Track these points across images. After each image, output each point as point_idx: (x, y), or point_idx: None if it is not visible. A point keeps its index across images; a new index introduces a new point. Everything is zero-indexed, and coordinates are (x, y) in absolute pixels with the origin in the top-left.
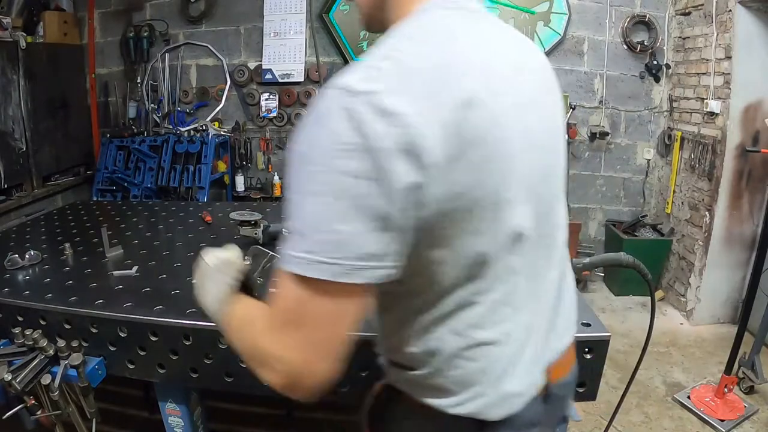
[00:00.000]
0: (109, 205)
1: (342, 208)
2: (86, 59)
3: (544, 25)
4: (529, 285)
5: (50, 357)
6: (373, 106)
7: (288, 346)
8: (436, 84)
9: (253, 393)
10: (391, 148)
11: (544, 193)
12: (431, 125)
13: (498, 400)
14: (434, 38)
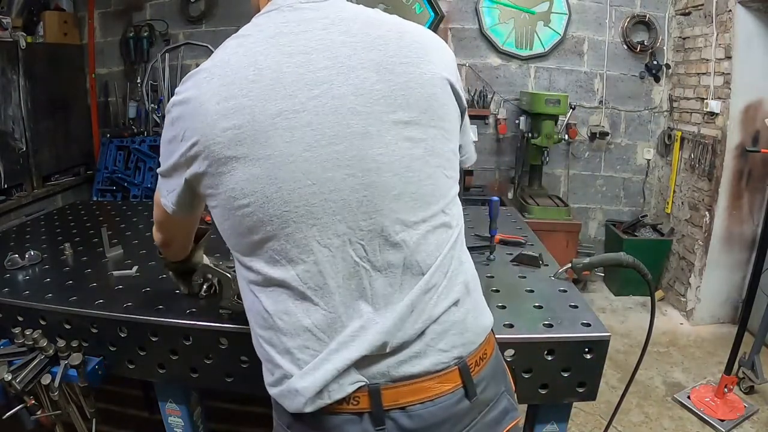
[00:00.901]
0: (109, 205)
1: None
2: (86, 59)
3: (544, 25)
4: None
5: (50, 357)
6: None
7: (156, 223)
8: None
9: (253, 393)
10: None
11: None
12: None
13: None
14: (228, 50)
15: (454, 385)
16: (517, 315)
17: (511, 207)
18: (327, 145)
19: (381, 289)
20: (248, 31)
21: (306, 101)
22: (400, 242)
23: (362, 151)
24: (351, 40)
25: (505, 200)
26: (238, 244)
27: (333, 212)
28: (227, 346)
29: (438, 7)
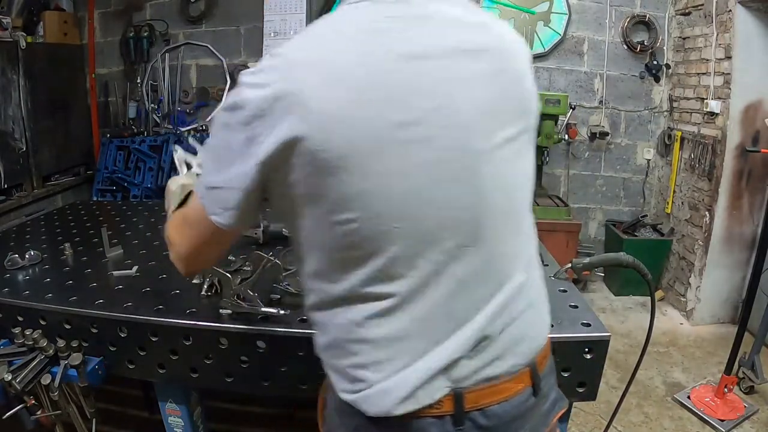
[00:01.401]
0: (109, 205)
1: (217, 164)
2: (86, 59)
3: (544, 25)
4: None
5: (50, 357)
6: (244, 98)
7: (183, 238)
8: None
9: (253, 393)
10: (246, 134)
11: None
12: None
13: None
14: (325, 35)
15: (525, 385)
16: None
17: None
18: (442, 161)
19: (475, 302)
20: (343, 21)
21: (424, 113)
22: (499, 256)
23: (475, 169)
24: (464, 48)
25: None
26: (328, 259)
27: (443, 229)
28: (227, 346)
29: None
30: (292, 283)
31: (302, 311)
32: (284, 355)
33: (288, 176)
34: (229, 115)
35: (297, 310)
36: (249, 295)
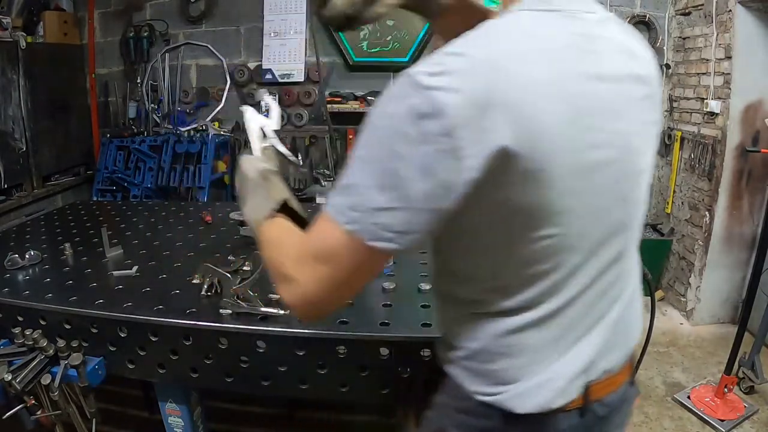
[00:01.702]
0: (109, 205)
1: (381, 182)
2: (86, 59)
3: None
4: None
5: (50, 357)
6: (430, 103)
7: (312, 277)
8: (498, 87)
9: (253, 393)
10: (435, 146)
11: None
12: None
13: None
14: (513, 37)
15: (629, 375)
16: None
17: None
18: (619, 182)
19: (611, 301)
20: (525, 29)
21: (608, 136)
22: (633, 260)
23: (637, 190)
24: (632, 72)
25: None
26: (514, 273)
27: (604, 244)
28: (227, 346)
29: None
30: None
31: None
32: (284, 355)
33: (490, 190)
34: (410, 124)
35: None
36: (249, 295)
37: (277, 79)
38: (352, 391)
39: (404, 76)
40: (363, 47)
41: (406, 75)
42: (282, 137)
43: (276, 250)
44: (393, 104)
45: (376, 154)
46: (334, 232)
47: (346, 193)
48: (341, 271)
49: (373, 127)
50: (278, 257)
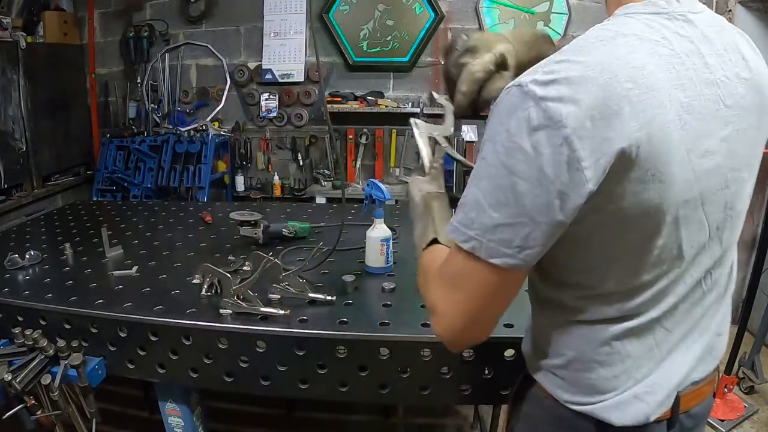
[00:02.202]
0: (109, 205)
1: (496, 198)
2: (86, 59)
3: (544, 25)
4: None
5: (50, 357)
6: (545, 115)
7: (450, 305)
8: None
9: (253, 393)
10: (552, 157)
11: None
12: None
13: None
14: (618, 45)
15: (713, 385)
16: (517, 315)
17: None
18: (724, 189)
19: (705, 313)
20: (635, 33)
21: (718, 143)
22: (727, 267)
23: (738, 199)
24: (742, 75)
25: None
26: (612, 281)
27: (708, 253)
28: (227, 346)
29: (438, 7)
30: (292, 283)
31: (302, 311)
32: (284, 355)
33: (606, 200)
34: (525, 136)
35: (297, 309)
36: (249, 295)
37: (277, 79)
38: (352, 391)
39: (515, 87)
40: (363, 47)
41: (518, 86)
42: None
43: (424, 282)
44: (505, 117)
45: (492, 171)
46: (458, 255)
47: (462, 212)
48: (473, 295)
49: (487, 143)
50: (426, 291)
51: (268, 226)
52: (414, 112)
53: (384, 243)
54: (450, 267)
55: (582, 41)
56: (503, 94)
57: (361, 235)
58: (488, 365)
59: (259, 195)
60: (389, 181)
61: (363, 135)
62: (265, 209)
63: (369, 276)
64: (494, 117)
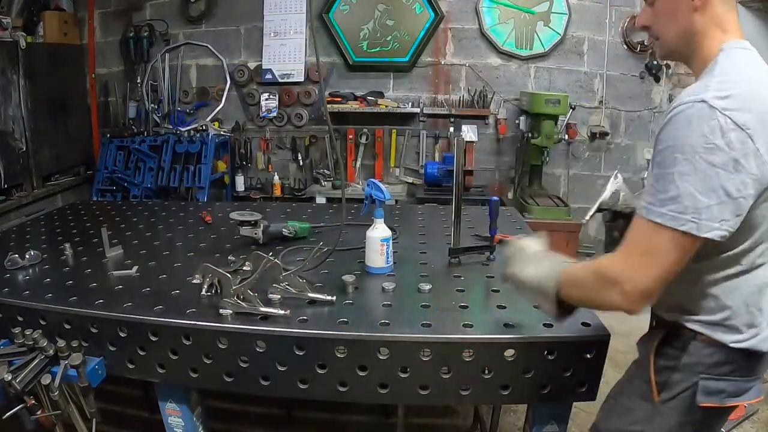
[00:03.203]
0: (109, 205)
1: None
2: (86, 59)
3: (544, 25)
4: None
5: (50, 357)
6: (732, 121)
7: (640, 268)
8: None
9: (253, 393)
10: (742, 150)
11: None
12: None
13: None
14: (749, 71)
15: None
16: (517, 315)
17: (511, 207)
18: None
19: None
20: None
21: None
22: None
23: None
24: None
25: (505, 200)
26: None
27: None
28: (227, 346)
29: (438, 7)
30: (292, 282)
31: (302, 311)
32: (284, 355)
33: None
34: (720, 138)
35: (297, 309)
36: (249, 295)
37: (277, 79)
38: (352, 391)
39: (697, 102)
40: (363, 47)
41: (701, 101)
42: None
43: (583, 277)
44: (697, 127)
45: (696, 168)
46: (663, 237)
47: (673, 204)
48: (672, 260)
49: (683, 149)
50: (591, 278)
51: (268, 226)
52: (414, 112)
53: (384, 243)
54: (647, 241)
55: (728, 67)
56: (684, 108)
57: (361, 235)
58: (488, 365)
59: (259, 195)
60: (389, 181)
61: (363, 135)
62: (265, 209)
63: (369, 276)
64: (685, 127)
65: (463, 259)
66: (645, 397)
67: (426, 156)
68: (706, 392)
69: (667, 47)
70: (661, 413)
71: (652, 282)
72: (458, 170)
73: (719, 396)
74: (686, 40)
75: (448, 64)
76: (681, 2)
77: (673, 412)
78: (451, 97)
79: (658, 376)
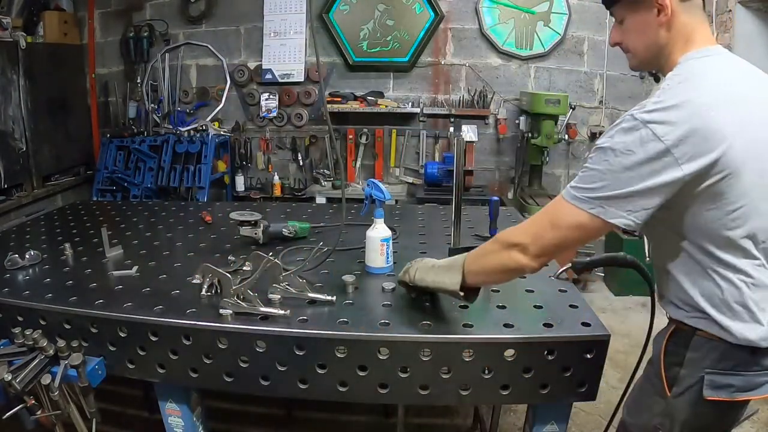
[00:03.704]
0: (109, 205)
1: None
2: (86, 59)
3: (544, 25)
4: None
5: (50, 357)
6: (653, 133)
7: (544, 234)
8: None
9: (253, 393)
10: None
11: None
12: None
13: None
14: (700, 80)
15: None
16: (517, 315)
17: (511, 207)
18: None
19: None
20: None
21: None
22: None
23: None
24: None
25: (505, 200)
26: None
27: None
28: (227, 346)
29: (438, 7)
30: (292, 282)
31: (302, 311)
32: (284, 355)
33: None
34: (657, 133)
35: (297, 309)
36: (249, 295)
37: (277, 79)
38: (352, 391)
39: (631, 115)
40: (363, 47)
41: (632, 116)
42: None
43: (486, 250)
44: (625, 135)
45: (615, 168)
46: (574, 214)
47: (592, 192)
48: (566, 238)
49: (611, 151)
50: (494, 247)
51: (268, 226)
52: (414, 112)
53: (384, 243)
54: (564, 222)
55: (680, 80)
56: (623, 120)
57: (361, 235)
58: (488, 365)
59: (259, 195)
60: (389, 181)
61: (363, 135)
62: (265, 209)
63: (369, 276)
64: (614, 134)
65: None
66: (660, 393)
67: (426, 156)
68: (713, 387)
69: (638, 59)
70: (675, 408)
71: (553, 247)
72: (458, 170)
73: (728, 390)
74: (655, 53)
75: (448, 64)
76: (649, 18)
77: (685, 407)
78: (451, 97)
79: (667, 372)
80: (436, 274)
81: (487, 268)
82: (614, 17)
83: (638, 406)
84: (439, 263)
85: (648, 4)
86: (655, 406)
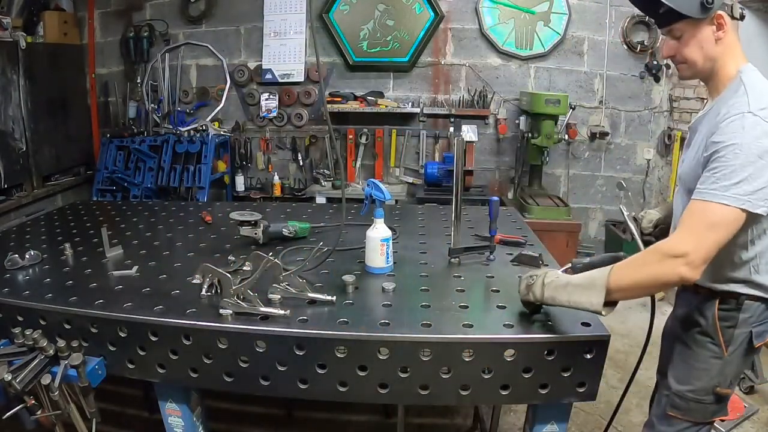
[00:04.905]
0: (109, 205)
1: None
2: (86, 59)
3: (544, 25)
4: None
5: (50, 357)
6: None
7: (703, 240)
8: None
9: (253, 393)
10: None
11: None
12: None
13: None
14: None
15: None
16: (517, 315)
17: (511, 207)
18: None
19: None
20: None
21: None
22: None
23: None
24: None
25: (505, 200)
26: None
27: None
28: (227, 346)
29: (438, 7)
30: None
31: (302, 311)
32: (284, 355)
33: None
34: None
35: (297, 309)
36: (249, 295)
37: (277, 79)
38: (352, 391)
39: (746, 113)
40: (363, 47)
41: (748, 113)
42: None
43: (638, 262)
44: (749, 131)
45: (750, 161)
46: (723, 214)
47: (736, 189)
48: (727, 235)
49: (741, 147)
50: (651, 257)
51: (268, 226)
52: (414, 112)
53: (384, 243)
54: (719, 222)
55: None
56: (735, 119)
57: (361, 235)
58: (488, 365)
59: (259, 195)
60: (389, 181)
61: (363, 135)
62: (265, 209)
63: (369, 276)
64: (736, 132)
65: (463, 259)
66: (716, 356)
67: (426, 156)
68: (758, 336)
69: (693, 70)
70: (729, 363)
71: (713, 250)
72: (458, 170)
73: (764, 336)
74: (710, 65)
75: (448, 64)
76: (706, 34)
77: (737, 359)
78: (451, 97)
79: (724, 335)
80: (571, 294)
81: (641, 282)
82: (670, 33)
83: (694, 373)
84: (574, 281)
85: (709, 21)
86: (712, 368)
